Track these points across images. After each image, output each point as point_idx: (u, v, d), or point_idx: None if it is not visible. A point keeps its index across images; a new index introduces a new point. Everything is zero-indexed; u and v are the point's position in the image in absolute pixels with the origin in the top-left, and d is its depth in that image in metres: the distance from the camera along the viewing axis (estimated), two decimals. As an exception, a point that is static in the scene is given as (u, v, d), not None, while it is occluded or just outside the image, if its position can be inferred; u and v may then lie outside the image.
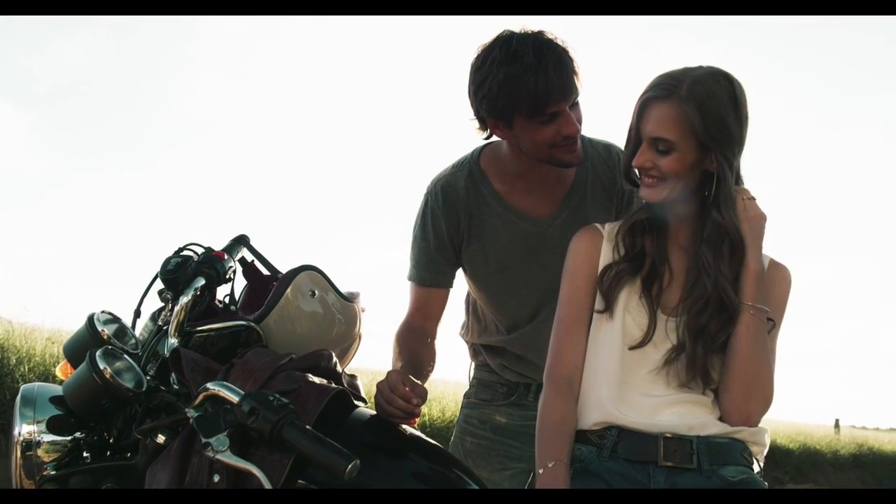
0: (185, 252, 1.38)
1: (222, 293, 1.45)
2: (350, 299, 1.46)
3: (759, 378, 1.33)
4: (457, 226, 1.75)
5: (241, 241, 1.48)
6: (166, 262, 1.35)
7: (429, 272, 1.78)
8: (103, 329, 1.29)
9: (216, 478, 1.08)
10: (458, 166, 1.80)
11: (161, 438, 1.16)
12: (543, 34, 1.54)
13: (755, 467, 1.36)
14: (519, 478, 1.87)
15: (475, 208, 1.75)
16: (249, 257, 1.51)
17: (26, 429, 1.19)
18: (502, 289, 1.80)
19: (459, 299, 1.97)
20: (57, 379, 1.40)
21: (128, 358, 1.21)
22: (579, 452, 1.36)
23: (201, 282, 1.32)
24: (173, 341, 1.27)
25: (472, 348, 1.97)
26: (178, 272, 1.32)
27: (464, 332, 1.99)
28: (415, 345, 1.72)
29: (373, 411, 1.33)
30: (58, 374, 1.40)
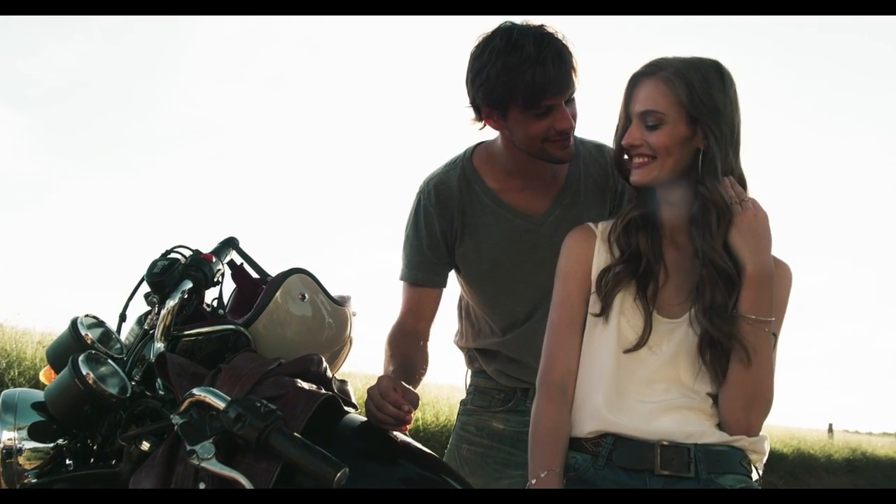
0: (173, 255, 1.36)
1: (210, 296, 1.43)
2: (341, 303, 1.44)
3: (760, 390, 1.30)
4: (450, 223, 1.74)
5: (230, 243, 1.46)
6: (153, 264, 1.33)
7: (421, 271, 1.77)
8: (87, 333, 1.28)
9: (201, 486, 1.06)
10: (451, 165, 1.79)
11: (146, 445, 1.14)
12: (545, 28, 1.55)
13: (754, 475, 1.33)
14: (516, 487, 1.84)
15: (468, 206, 1.74)
16: (238, 260, 1.49)
17: (7, 435, 1.18)
18: (497, 287, 1.78)
19: (452, 305, 1.95)
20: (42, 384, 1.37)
21: (112, 363, 1.19)
22: (573, 461, 1.34)
23: (188, 285, 1.30)
24: (159, 346, 1.25)
25: (468, 354, 1.95)
26: (165, 275, 1.30)
27: (458, 338, 1.97)
28: (407, 348, 1.70)
29: (363, 418, 1.30)
30: (42, 379, 1.37)
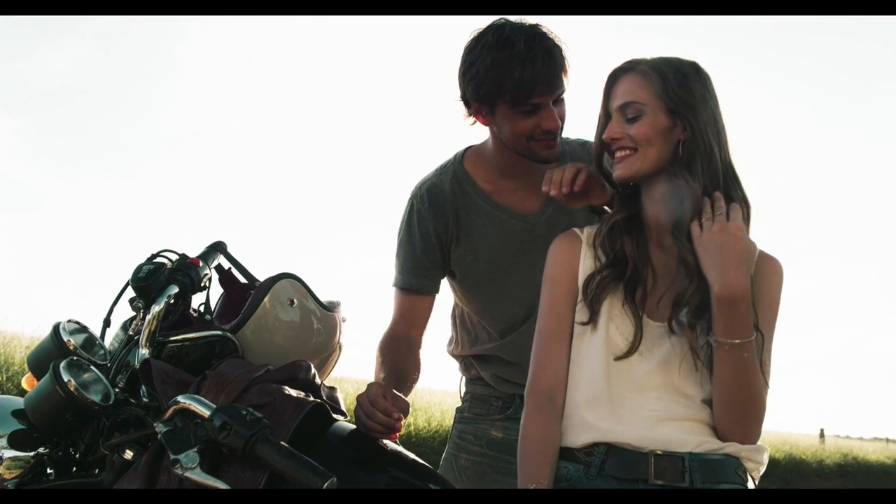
0: (159, 259, 1.33)
1: (197, 301, 1.40)
2: (330, 308, 1.42)
3: (750, 402, 1.27)
4: (445, 226, 1.74)
5: (218, 247, 1.44)
6: (138, 269, 1.30)
7: (415, 276, 1.76)
8: (69, 339, 1.25)
9: (185, 495, 1.03)
10: (442, 169, 1.79)
11: (129, 454, 1.12)
12: (539, 27, 1.56)
13: (750, 485, 1.30)
14: None
15: (462, 209, 1.74)
16: (226, 264, 1.47)
17: (-14, 444, 1.15)
18: (494, 289, 1.77)
19: (445, 314, 1.93)
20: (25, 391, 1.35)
21: (95, 370, 1.17)
22: (565, 471, 1.31)
23: (175, 289, 1.27)
24: (144, 352, 1.22)
25: (464, 362, 1.92)
26: (151, 279, 1.28)
27: (452, 346, 1.95)
28: (398, 354, 1.68)
29: (352, 426, 1.28)
30: (24, 385, 1.34)
